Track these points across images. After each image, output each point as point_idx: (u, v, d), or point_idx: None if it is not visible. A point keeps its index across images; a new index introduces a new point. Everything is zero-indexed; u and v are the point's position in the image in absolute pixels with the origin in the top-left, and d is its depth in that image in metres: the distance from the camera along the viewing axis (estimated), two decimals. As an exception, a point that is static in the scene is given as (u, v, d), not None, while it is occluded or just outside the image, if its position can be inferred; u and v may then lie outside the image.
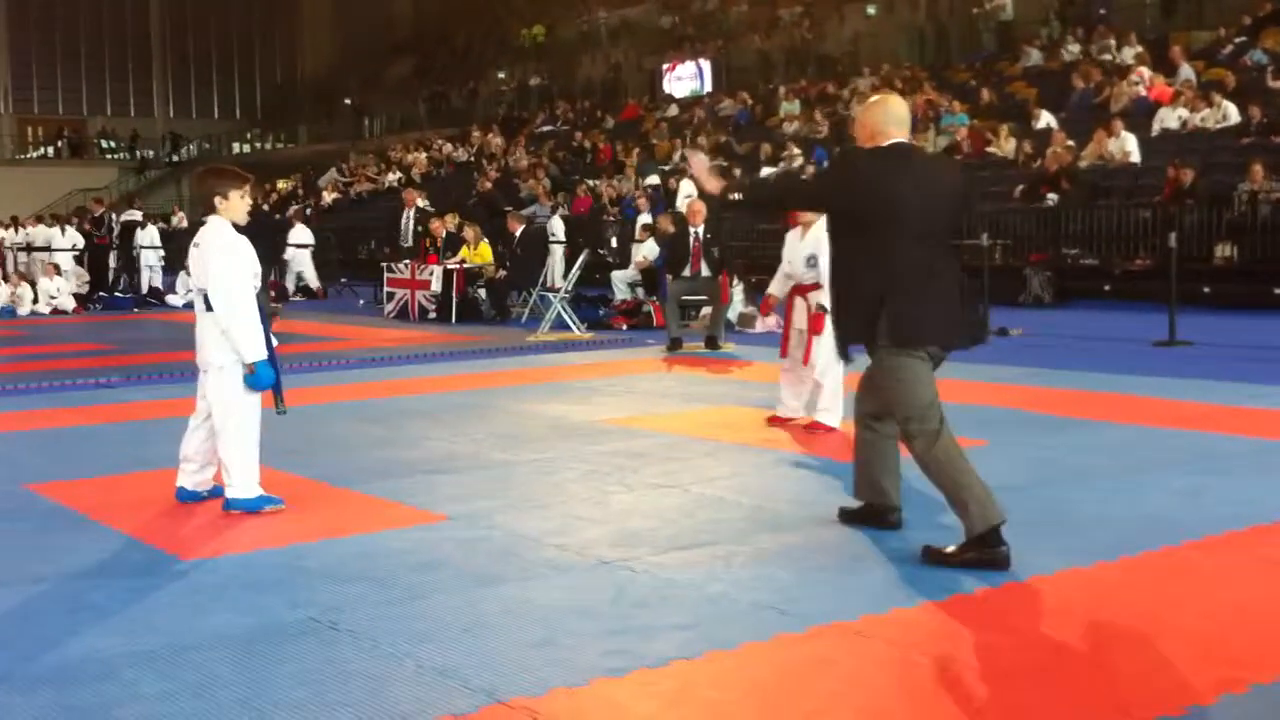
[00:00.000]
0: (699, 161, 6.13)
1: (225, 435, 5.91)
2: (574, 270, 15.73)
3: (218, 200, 5.94)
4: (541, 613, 4.29)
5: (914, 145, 5.40)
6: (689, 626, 4.13)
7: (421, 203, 22.88)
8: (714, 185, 5.49)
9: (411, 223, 20.05)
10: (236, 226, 5.97)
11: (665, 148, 28.30)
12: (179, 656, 3.92)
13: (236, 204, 5.97)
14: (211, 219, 5.98)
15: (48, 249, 23.84)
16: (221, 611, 4.40)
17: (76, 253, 23.61)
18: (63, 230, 24.11)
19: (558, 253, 19.94)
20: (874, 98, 5.36)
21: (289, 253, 23.31)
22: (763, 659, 3.85)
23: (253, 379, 5.86)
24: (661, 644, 3.97)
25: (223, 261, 5.83)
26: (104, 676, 3.77)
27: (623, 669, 3.76)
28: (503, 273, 17.52)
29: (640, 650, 3.92)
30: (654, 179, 24.36)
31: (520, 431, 8.07)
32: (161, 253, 24.26)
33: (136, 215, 25.88)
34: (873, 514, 5.44)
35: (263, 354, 5.84)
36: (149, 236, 24.50)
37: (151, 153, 52.87)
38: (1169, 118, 19.58)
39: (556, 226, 21.40)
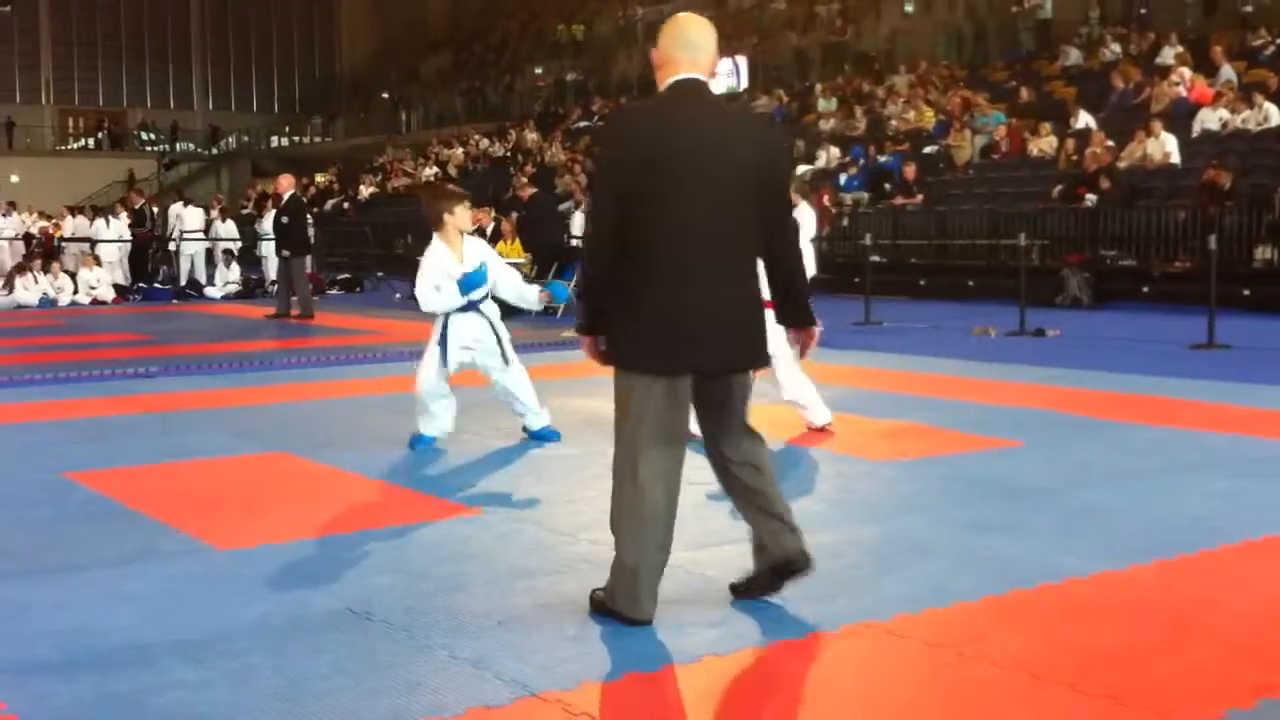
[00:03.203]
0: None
1: (520, 372, 7.52)
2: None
3: (446, 216, 7.18)
4: (575, 606, 4.30)
5: (704, 86, 4.14)
6: (721, 623, 4.13)
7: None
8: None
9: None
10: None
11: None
12: (215, 645, 3.95)
13: (462, 216, 7.27)
14: (435, 237, 7.25)
15: (88, 240, 24.05)
16: (257, 601, 4.44)
17: (125, 243, 23.81)
18: (107, 222, 24.30)
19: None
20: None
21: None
22: (796, 657, 3.85)
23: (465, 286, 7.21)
24: (694, 640, 3.97)
25: (424, 266, 7.23)
26: (141, 664, 3.80)
27: (655, 664, 3.77)
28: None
29: (672, 646, 3.92)
30: None
31: (555, 426, 8.08)
32: (206, 245, 24.51)
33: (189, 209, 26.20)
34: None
35: (459, 299, 7.23)
36: (229, 230, 24.85)
37: (191, 145, 53.31)
38: (1209, 119, 19.42)
39: (577, 224, 21.41)
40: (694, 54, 4.10)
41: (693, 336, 4.05)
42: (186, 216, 24.61)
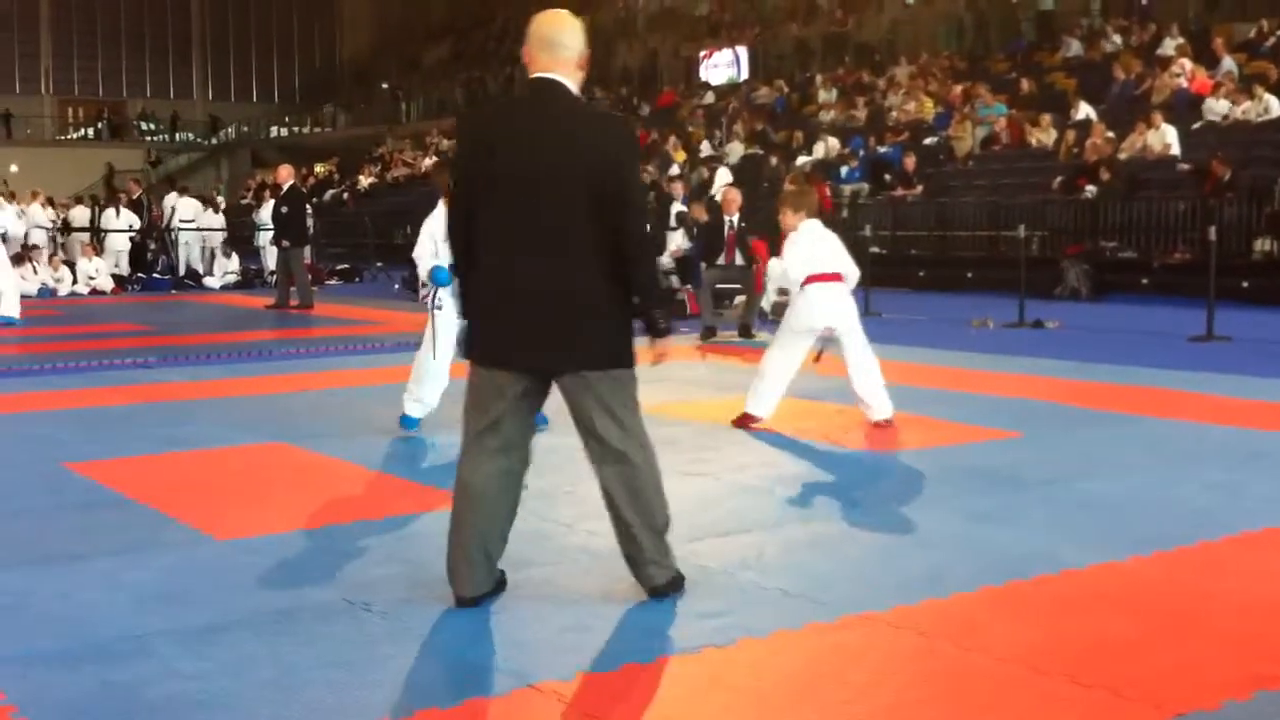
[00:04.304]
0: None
1: None
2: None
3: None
4: (572, 597, 4.31)
5: (556, 85, 4.13)
6: (720, 614, 4.13)
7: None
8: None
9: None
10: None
11: (699, 135, 28.25)
12: (214, 636, 3.95)
13: None
14: (440, 203, 7.11)
15: (87, 230, 23.99)
16: (256, 592, 4.44)
17: (133, 233, 23.75)
18: (117, 211, 24.24)
19: None
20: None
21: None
22: (794, 648, 3.85)
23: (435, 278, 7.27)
24: (692, 631, 3.97)
25: (425, 227, 7.26)
26: (140, 655, 3.80)
27: (653, 655, 3.77)
28: None
29: (670, 637, 3.93)
30: (675, 170, 24.37)
31: (552, 417, 8.06)
32: (203, 234, 24.46)
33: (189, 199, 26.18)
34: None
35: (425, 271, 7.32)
36: (216, 221, 24.83)
37: (191, 135, 53.28)
38: (1210, 110, 19.40)
39: None
40: (554, 52, 4.12)
41: (511, 332, 4.13)
42: (181, 206, 24.55)
